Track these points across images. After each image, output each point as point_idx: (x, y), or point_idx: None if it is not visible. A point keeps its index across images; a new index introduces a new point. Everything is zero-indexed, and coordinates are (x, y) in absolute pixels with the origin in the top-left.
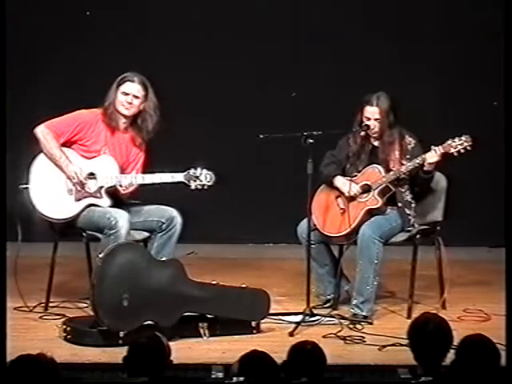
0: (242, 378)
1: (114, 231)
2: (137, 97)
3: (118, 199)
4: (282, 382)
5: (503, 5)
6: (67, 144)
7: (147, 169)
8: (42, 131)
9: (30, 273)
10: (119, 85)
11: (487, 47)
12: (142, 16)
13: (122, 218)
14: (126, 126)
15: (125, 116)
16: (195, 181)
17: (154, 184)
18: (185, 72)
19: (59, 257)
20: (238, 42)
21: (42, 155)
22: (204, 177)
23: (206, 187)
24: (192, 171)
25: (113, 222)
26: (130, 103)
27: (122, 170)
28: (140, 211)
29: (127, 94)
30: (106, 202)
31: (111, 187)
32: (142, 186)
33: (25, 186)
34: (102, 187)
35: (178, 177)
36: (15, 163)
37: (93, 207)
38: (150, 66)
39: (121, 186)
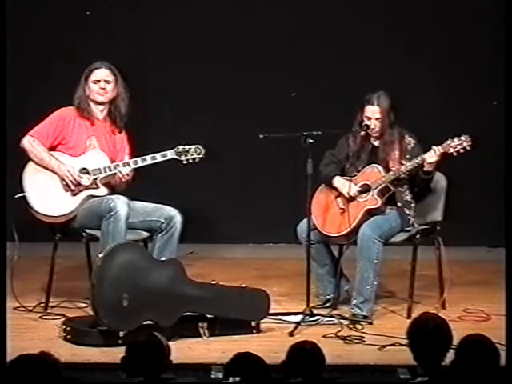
0: (237, 378)
1: (113, 213)
2: (108, 81)
3: (115, 192)
4: (274, 382)
5: (504, 4)
6: (53, 148)
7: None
8: (27, 141)
9: (29, 273)
10: (87, 76)
11: (487, 47)
12: (141, 16)
13: (119, 199)
14: (104, 116)
15: (101, 103)
16: (186, 155)
17: (147, 165)
18: (185, 73)
19: (59, 257)
20: (237, 41)
21: (30, 162)
22: (194, 150)
23: (197, 160)
24: (181, 147)
25: (111, 205)
26: (104, 88)
27: (112, 160)
28: (139, 211)
29: (98, 81)
30: (102, 191)
31: (105, 177)
32: (136, 170)
33: (20, 194)
34: (96, 179)
35: (169, 154)
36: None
37: (90, 199)
38: (151, 66)
39: (115, 173)
